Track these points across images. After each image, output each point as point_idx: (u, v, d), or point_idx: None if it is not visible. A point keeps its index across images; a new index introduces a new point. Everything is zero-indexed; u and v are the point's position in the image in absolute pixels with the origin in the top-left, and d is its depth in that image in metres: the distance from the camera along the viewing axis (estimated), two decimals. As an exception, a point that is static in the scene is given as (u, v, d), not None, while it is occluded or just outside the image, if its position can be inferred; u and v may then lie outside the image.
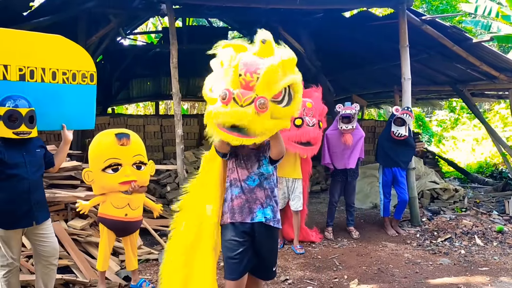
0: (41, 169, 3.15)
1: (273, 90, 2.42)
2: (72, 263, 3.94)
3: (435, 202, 6.96)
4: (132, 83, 14.00)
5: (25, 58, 3.24)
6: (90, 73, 3.56)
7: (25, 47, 3.24)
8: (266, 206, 2.80)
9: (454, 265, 4.53)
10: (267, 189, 2.82)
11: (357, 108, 5.28)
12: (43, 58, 3.32)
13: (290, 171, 4.84)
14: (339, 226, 5.81)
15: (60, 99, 3.40)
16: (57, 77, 3.39)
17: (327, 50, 9.62)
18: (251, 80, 2.39)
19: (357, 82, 11.66)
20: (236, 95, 2.37)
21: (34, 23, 6.68)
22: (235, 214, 2.76)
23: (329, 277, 4.15)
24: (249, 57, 2.48)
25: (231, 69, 2.43)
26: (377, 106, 14.98)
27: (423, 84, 9.03)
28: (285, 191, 4.87)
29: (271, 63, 2.40)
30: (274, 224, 2.81)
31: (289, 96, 2.54)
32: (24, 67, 3.23)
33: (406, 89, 5.86)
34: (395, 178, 5.52)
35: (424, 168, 7.69)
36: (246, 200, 2.77)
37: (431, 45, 6.79)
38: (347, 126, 5.17)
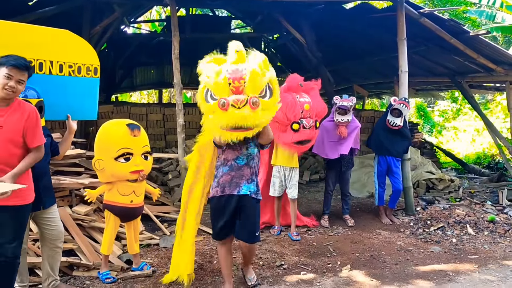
0: (48, 156, 3.29)
1: (258, 88, 3.10)
2: (76, 247, 4.11)
3: (430, 192, 7.12)
4: (136, 71, 14.11)
5: (34, 51, 3.42)
6: (94, 66, 3.76)
7: (35, 40, 3.43)
8: (251, 182, 3.41)
9: (445, 253, 4.69)
10: (253, 167, 3.44)
11: (353, 101, 5.36)
12: (51, 51, 3.51)
13: (288, 160, 4.99)
14: (336, 214, 5.98)
15: (66, 91, 3.59)
16: (64, 69, 3.59)
17: (329, 41, 9.70)
18: (239, 85, 3.05)
19: (358, 73, 11.74)
20: (232, 101, 3.01)
21: (39, 13, 6.83)
22: (224, 188, 3.37)
23: (322, 263, 4.32)
24: (231, 67, 3.11)
25: (220, 80, 3.06)
26: (378, 96, 15.05)
27: (422, 75, 9.13)
28: (282, 180, 5.02)
29: (252, 68, 3.06)
30: (256, 196, 3.44)
31: (270, 90, 3.21)
32: (33, 59, 3.41)
33: (403, 81, 5.97)
34: (389, 168, 5.67)
35: (421, 159, 7.83)
36: (234, 176, 3.37)
37: (430, 38, 6.88)
38: (342, 119, 5.28)
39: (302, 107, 4.59)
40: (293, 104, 4.58)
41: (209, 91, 3.16)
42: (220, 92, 3.07)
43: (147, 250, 4.56)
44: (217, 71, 3.10)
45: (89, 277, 3.85)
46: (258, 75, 3.08)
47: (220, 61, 3.21)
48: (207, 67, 3.17)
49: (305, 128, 4.61)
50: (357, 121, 5.54)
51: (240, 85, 3.05)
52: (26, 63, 2.80)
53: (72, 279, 3.81)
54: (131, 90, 16.04)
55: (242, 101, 3.01)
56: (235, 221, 3.42)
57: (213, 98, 3.13)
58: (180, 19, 13.25)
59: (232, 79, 3.06)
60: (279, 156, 5.02)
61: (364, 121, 9.68)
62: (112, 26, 8.07)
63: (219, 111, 3.07)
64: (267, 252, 4.58)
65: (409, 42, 6.06)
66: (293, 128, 4.59)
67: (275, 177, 5.05)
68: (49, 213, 3.26)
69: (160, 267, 4.12)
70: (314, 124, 4.70)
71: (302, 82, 4.80)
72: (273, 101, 3.23)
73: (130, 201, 3.73)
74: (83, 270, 3.94)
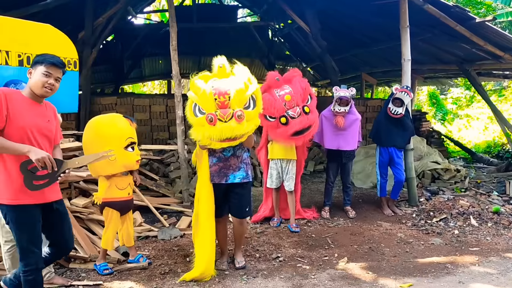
0: None
1: (243, 102, 3.42)
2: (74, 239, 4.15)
3: (436, 182, 7.02)
4: (144, 61, 14.13)
5: (22, 45, 3.47)
6: (74, 60, 3.86)
7: (22, 34, 3.47)
8: (239, 170, 3.74)
9: (446, 245, 4.62)
10: (239, 156, 3.76)
11: (352, 92, 5.28)
12: (36, 46, 3.55)
13: (284, 152, 4.96)
14: (337, 206, 5.94)
15: None
16: None
17: (335, 29, 9.58)
18: (224, 100, 3.34)
19: (366, 61, 11.59)
20: (219, 115, 3.32)
21: (42, 5, 6.81)
22: (214, 177, 3.71)
23: (320, 255, 4.29)
24: (216, 83, 3.43)
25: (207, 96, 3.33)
26: (387, 84, 14.85)
27: (430, 63, 8.97)
28: (279, 172, 5.01)
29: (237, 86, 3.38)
30: (245, 180, 3.78)
31: (253, 100, 3.52)
32: (22, 53, 3.47)
33: (406, 70, 5.85)
34: (391, 158, 5.59)
35: (427, 148, 7.70)
36: (222, 167, 3.71)
37: (435, 24, 6.72)
38: (339, 109, 5.22)
39: (283, 100, 4.51)
40: (272, 101, 4.53)
41: (197, 105, 3.43)
42: (207, 107, 3.35)
43: (145, 242, 4.58)
44: (204, 88, 3.38)
45: (85, 269, 3.87)
46: (243, 91, 3.39)
47: (207, 77, 3.52)
48: (195, 84, 3.45)
49: (294, 118, 4.50)
50: (357, 113, 5.43)
51: (225, 99, 3.35)
52: (62, 61, 2.85)
53: (69, 271, 3.84)
54: (139, 81, 16.09)
55: (228, 115, 3.32)
56: (227, 202, 3.85)
57: (201, 112, 3.41)
58: (187, 8, 13.32)
59: (217, 95, 3.35)
60: (275, 149, 5.00)
61: (371, 110, 9.57)
62: (115, 17, 8.04)
63: (207, 125, 3.36)
64: (264, 244, 4.56)
65: (415, 29, 5.94)
66: (281, 122, 4.54)
67: (272, 169, 5.04)
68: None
69: (157, 259, 4.13)
70: (302, 110, 4.56)
71: (278, 76, 4.71)
72: (257, 111, 3.56)
73: (127, 193, 3.83)
74: (79, 262, 3.96)
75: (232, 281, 3.67)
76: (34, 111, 2.74)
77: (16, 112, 2.63)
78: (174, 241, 4.63)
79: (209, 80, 3.49)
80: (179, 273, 3.81)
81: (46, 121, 2.81)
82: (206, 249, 3.71)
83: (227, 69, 3.53)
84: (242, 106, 3.40)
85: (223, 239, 4.03)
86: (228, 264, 3.98)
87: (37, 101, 2.78)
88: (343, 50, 10.66)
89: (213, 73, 3.56)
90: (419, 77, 10.75)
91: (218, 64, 3.53)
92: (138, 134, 3.97)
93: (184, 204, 5.63)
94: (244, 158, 3.82)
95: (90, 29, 7.54)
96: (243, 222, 3.97)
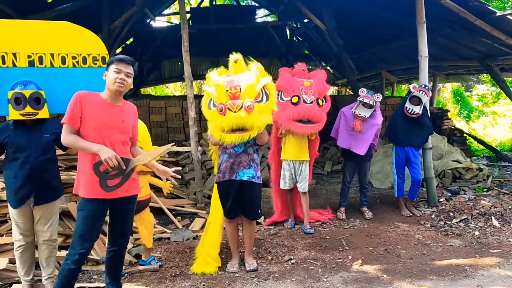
0: (48, 153, 3.26)
1: (253, 95, 3.49)
2: (86, 241, 4.17)
3: (457, 182, 6.81)
4: (163, 64, 14.24)
5: (33, 45, 3.50)
6: (102, 55, 3.73)
7: (33, 35, 3.49)
8: (249, 168, 3.74)
9: (465, 246, 4.47)
10: (251, 154, 3.78)
11: (378, 98, 5.09)
12: (52, 44, 3.55)
13: (297, 153, 4.86)
14: (354, 206, 5.83)
15: (71, 82, 3.58)
16: (67, 61, 3.62)
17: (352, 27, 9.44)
18: (235, 91, 3.46)
19: (386, 58, 11.36)
20: (229, 105, 3.43)
21: (58, 10, 6.93)
22: (225, 174, 3.73)
23: (333, 257, 4.20)
24: (229, 77, 3.59)
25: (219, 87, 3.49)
26: (408, 82, 14.55)
27: (450, 59, 8.73)
28: (292, 173, 4.92)
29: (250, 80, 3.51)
30: (255, 180, 3.76)
31: (266, 95, 3.60)
32: (32, 53, 3.49)
33: (423, 67, 5.69)
34: (408, 157, 5.44)
35: (448, 147, 7.49)
36: (232, 163, 3.72)
37: (454, 19, 6.52)
38: (360, 113, 5.08)
39: (302, 84, 4.58)
40: (291, 80, 4.63)
41: (211, 100, 3.58)
42: (219, 97, 3.48)
43: (158, 244, 4.58)
44: (217, 80, 3.56)
45: (97, 271, 3.89)
46: (254, 84, 3.50)
47: (222, 72, 3.69)
48: (209, 76, 3.65)
49: (305, 102, 4.51)
50: (379, 119, 5.23)
51: (236, 91, 3.46)
52: (131, 58, 2.96)
53: (80, 273, 3.86)
54: (159, 83, 16.22)
55: (238, 105, 3.41)
56: (240, 204, 3.81)
57: (214, 105, 3.54)
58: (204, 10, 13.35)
59: (229, 87, 3.49)
60: (287, 150, 4.90)
61: (390, 108, 9.39)
62: (131, 20, 8.10)
63: (218, 115, 3.48)
64: (277, 246, 4.50)
65: (433, 24, 5.79)
66: (292, 101, 4.52)
67: (284, 169, 4.95)
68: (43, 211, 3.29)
69: (168, 261, 4.13)
70: (316, 101, 4.56)
71: (305, 68, 4.81)
72: (270, 105, 3.62)
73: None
74: (91, 264, 3.98)
75: (243, 283, 3.63)
76: (109, 112, 2.86)
77: (91, 114, 2.79)
78: (187, 243, 4.62)
79: (223, 75, 3.66)
80: (190, 275, 3.79)
81: (120, 121, 2.91)
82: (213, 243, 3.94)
83: (242, 64, 3.65)
84: (253, 97, 3.48)
85: (234, 241, 4.01)
86: (239, 267, 3.94)
87: (114, 102, 2.91)
88: (361, 48, 10.49)
89: (229, 69, 3.70)
90: (440, 74, 10.49)
91: (232, 60, 3.66)
92: (154, 136, 4.00)
93: (198, 206, 5.61)
94: (255, 157, 3.82)
95: (106, 32, 7.60)
96: (253, 224, 3.98)
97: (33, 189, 3.18)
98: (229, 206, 3.81)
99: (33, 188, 3.18)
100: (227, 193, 3.78)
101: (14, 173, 3.16)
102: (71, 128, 2.78)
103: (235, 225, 3.98)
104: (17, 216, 3.24)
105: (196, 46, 12.80)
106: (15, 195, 3.18)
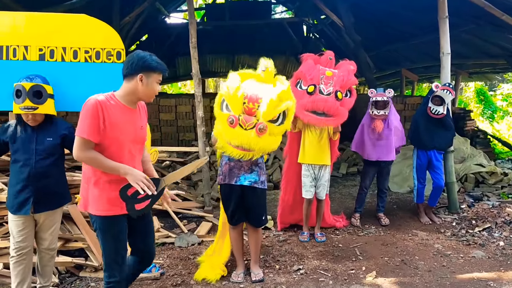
0: (51, 158, 3.01)
1: (271, 116, 3.17)
2: (86, 246, 4.01)
3: (480, 187, 6.46)
4: (178, 61, 14.07)
5: (45, 38, 3.35)
6: (117, 50, 3.47)
7: (45, 28, 3.36)
8: (251, 172, 3.48)
9: (488, 258, 4.15)
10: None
11: (390, 94, 4.83)
12: (64, 37, 3.38)
13: (317, 157, 4.47)
14: (370, 211, 5.53)
15: (83, 78, 3.39)
16: (79, 55, 3.43)
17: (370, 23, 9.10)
18: (253, 107, 3.15)
19: (406, 56, 11.01)
20: (241, 121, 3.14)
21: (68, 4, 6.78)
22: (226, 177, 3.50)
23: (345, 268, 3.94)
24: (251, 86, 3.23)
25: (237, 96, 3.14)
26: (429, 80, 14.12)
27: (474, 57, 8.35)
28: (312, 179, 4.53)
29: (271, 97, 3.13)
30: (259, 185, 3.51)
31: (284, 116, 3.28)
32: (44, 47, 3.35)
33: (445, 65, 5.37)
34: (430, 161, 5.12)
35: (470, 149, 7.12)
36: (233, 166, 3.47)
37: (479, 14, 6.20)
38: (378, 112, 4.80)
39: (323, 73, 4.18)
40: (312, 68, 4.25)
41: (225, 102, 3.27)
42: (234, 108, 3.17)
43: (161, 250, 4.38)
44: (237, 86, 3.19)
45: (95, 278, 3.72)
46: (275, 104, 3.15)
47: (246, 76, 3.33)
48: (232, 78, 3.27)
49: (322, 93, 4.13)
50: (396, 119, 4.99)
51: (254, 107, 3.15)
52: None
53: (78, 280, 3.70)
54: (174, 81, 16.09)
55: (250, 124, 3.14)
56: (243, 208, 3.58)
57: (228, 109, 3.25)
58: (219, 6, 13.18)
59: (248, 99, 3.17)
60: (306, 153, 4.50)
61: (410, 108, 9.04)
62: (142, 16, 7.94)
63: (227, 126, 3.20)
64: (286, 254, 4.25)
65: (457, 20, 5.48)
66: (308, 90, 4.18)
67: (305, 176, 4.53)
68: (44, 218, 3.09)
69: (171, 268, 3.93)
70: (334, 94, 4.15)
71: (332, 57, 4.41)
72: (284, 127, 3.34)
73: None
74: (90, 270, 3.81)
75: (247, 296, 3.40)
76: (129, 119, 2.51)
77: (112, 123, 2.41)
78: (191, 248, 4.41)
79: (247, 80, 3.31)
80: (192, 285, 3.59)
81: (139, 128, 2.59)
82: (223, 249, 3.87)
83: (271, 74, 3.34)
84: (268, 119, 3.18)
85: (238, 249, 3.78)
86: (244, 277, 3.71)
87: (132, 106, 2.54)
88: (379, 45, 10.16)
89: (256, 73, 3.39)
90: (463, 72, 10.07)
91: (263, 67, 3.34)
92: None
93: (206, 209, 5.40)
94: (258, 161, 3.55)
95: (117, 28, 7.44)
96: (258, 231, 3.74)
97: (32, 195, 2.94)
98: (231, 211, 3.59)
99: (31, 194, 2.94)
100: (228, 198, 3.57)
101: (14, 176, 2.97)
102: (89, 142, 2.36)
103: (239, 232, 3.75)
104: (13, 224, 3.01)
105: (211, 43, 12.66)
106: (14, 199, 2.97)
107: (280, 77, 3.40)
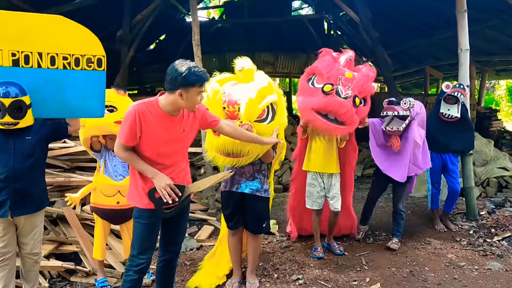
0: (31, 158, 2.94)
1: (254, 115, 3.01)
2: (79, 250, 3.91)
3: (503, 192, 6.07)
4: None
5: (19, 41, 3.02)
6: (98, 57, 3.17)
7: (19, 29, 3.02)
8: (253, 179, 3.34)
9: (506, 271, 3.83)
10: (256, 164, 3.35)
11: (405, 105, 4.04)
12: (40, 42, 3.06)
13: (324, 164, 4.05)
14: (383, 216, 5.25)
15: (61, 86, 3.12)
16: (57, 62, 3.10)
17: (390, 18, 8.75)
18: (234, 110, 3.02)
19: (430, 53, 10.58)
20: None
21: (77, 3, 6.74)
22: (227, 184, 3.39)
23: (348, 279, 3.70)
24: (230, 89, 3.11)
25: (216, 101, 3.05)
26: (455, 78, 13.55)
27: (501, 53, 7.89)
28: (321, 189, 4.10)
29: (249, 97, 2.96)
30: (261, 194, 3.36)
31: (273, 111, 3.14)
32: (17, 51, 3.02)
33: (463, 62, 5.02)
34: (445, 164, 4.80)
35: (494, 152, 6.71)
36: (234, 173, 3.28)
37: (503, 8, 5.82)
38: (391, 127, 4.09)
39: (343, 74, 3.69)
40: (332, 65, 3.77)
41: None
42: (215, 114, 2.94)
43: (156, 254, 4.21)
44: (215, 91, 3.10)
45: (86, 283, 3.62)
46: (255, 103, 2.99)
47: (223, 81, 3.21)
48: (211, 86, 3.13)
49: (339, 95, 3.60)
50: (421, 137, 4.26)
51: (235, 109, 3.02)
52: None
53: (69, 286, 3.60)
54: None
55: None
56: (242, 214, 3.45)
57: None
58: (238, 4, 13.00)
59: (227, 103, 3.05)
60: (312, 159, 4.09)
61: (431, 107, 8.60)
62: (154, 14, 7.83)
63: (212, 134, 3.09)
64: (287, 261, 4.05)
65: (479, 14, 5.13)
66: (324, 89, 3.62)
67: (310, 185, 4.12)
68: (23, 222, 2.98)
69: (164, 275, 3.77)
70: (352, 99, 3.62)
71: (352, 57, 3.93)
72: (274, 125, 3.14)
73: (116, 202, 3.38)
74: (81, 275, 3.72)
75: (238, 307, 3.22)
76: (167, 127, 2.56)
77: (149, 130, 2.51)
78: (189, 253, 4.27)
79: (226, 84, 3.19)
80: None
81: (180, 131, 2.62)
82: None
83: (251, 72, 3.18)
84: (253, 119, 3.02)
85: (236, 256, 3.59)
86: (240, 286, 3.53)
87: (173, 114, 2.56)
88: (402, 41, 9.77)
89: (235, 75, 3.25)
90: (489, 70, 9.57)
91: (239, 67, 3.20)
92: None
93: (209, 211, 5.24)
94: (261, 168, 3.40)
95: (128, 27, 7.39)
96: (257, 237, 3.55)
97: (9, 197, 2.84)
98: (229, 214, 3.47)
99: (8, 196, 2.84)
100: (227, 202, 3.46)
101: None
102: (126, 146, 2.55)
103: (238, 239, 3.57)
104: None
105: (229, 41, 12.52)
106: None
107: (259, 73, 3.25)
